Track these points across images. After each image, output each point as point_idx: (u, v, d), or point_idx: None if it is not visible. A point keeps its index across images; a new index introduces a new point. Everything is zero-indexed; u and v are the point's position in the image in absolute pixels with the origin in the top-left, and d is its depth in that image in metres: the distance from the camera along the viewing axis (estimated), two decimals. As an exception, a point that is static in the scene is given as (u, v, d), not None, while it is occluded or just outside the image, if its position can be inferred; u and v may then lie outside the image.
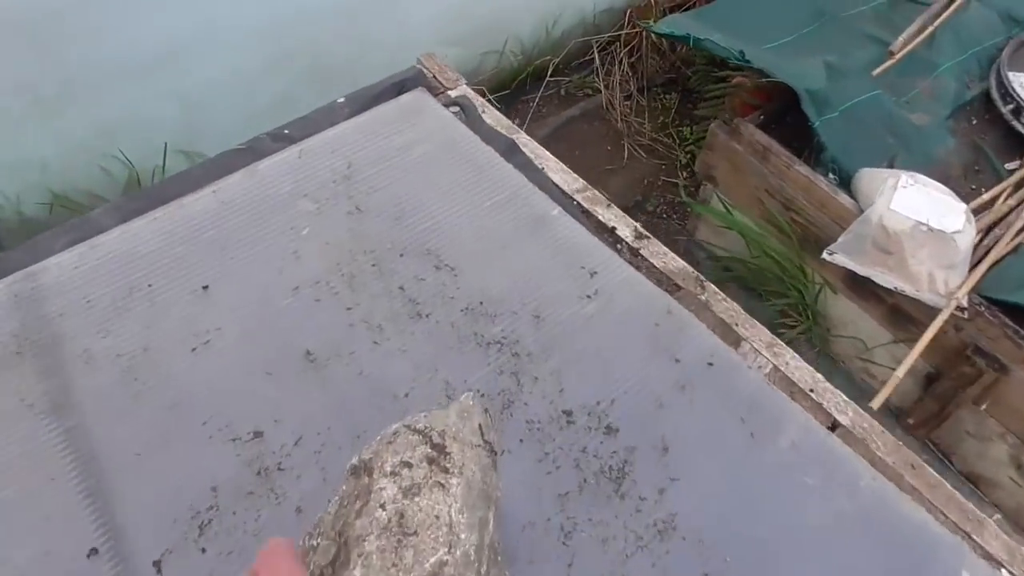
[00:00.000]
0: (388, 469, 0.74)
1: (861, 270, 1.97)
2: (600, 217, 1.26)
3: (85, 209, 2.08)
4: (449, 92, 1.41)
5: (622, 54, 2.97)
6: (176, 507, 0.93)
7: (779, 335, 2.33)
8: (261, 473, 0.97)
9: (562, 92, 3.02)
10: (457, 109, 1.37)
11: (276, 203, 1.21)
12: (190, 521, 0.92)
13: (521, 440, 1.01)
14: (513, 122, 2.87)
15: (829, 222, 2.10)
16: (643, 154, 2.88)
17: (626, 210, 2.66)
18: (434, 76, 1.43)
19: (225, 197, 1.21)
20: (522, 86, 2.95)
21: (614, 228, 1.25)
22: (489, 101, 2.77)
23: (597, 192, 1.29)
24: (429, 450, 0.77)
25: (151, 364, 1.04)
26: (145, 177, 2.13)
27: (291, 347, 1.07)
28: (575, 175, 1.31)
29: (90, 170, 2.03)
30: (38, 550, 0.88)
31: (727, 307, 1.16)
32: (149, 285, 1.11)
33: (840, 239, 2.01)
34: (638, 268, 1.19)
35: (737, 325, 1.14)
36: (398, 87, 1.38)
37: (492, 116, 1.38)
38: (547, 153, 1.33)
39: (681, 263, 1.20)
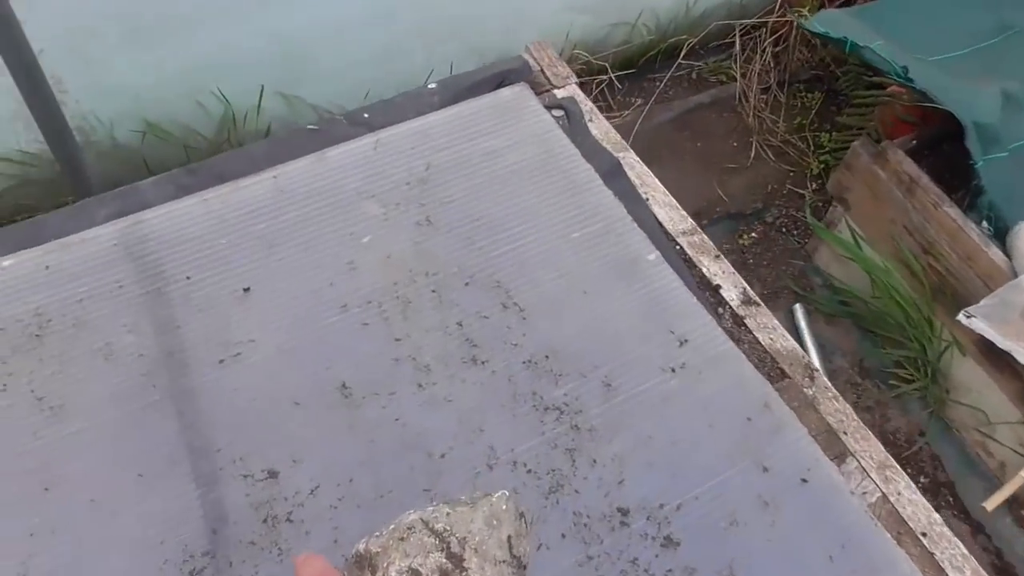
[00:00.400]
0: (392, 574, 0.62)
1: (1001, 342, 1.70)
2: (704, 270, 1.07)
3: (177, 141, 2.02)
4: (555, 91, 1.23)
5: (767, 42, 2.68)
6: (169, 546, 0.83)
7: (892, 387, 2.11)
8: (268, 521, 0.86)
9: (693, 75, 2.77)
10: (561, 113, 1.20)
11: (339, 200, 1.08)
12: (182, 565, 0.82)
13: (563, 535, 0.87)
14: (636, 101, 2.66)
15: (973, 277, 1.83)
16: (771, 156, 2.61)
17: (743, 217, 2.46)
18: (542, 70, 1.25)
19: (285, 184, 1.09)
20: (650, 64, 2.71)
21: (718, 287, 1.06)
22: (612, 79, 2.58)
23: (705, 237, 1.10)
24: (444, 560, 0.64)
25: (173, 372, 0.93)
26: (241, 117, 2.05)
27: (327, 376, 0.95)
28: (683, 212, 1.12)
29: (185, 103, 1.96)
30: (9, 573, 0.80)
31: (837, 408, 0.97)
32: (187, 277, 1.00)
33: (983, 302, 1.74)
34: (739, 341, 1.01)
35: (846, 434, 0.95)
36: (499, 78, 1.22)
37: (600, 127, 1.20)
38: (656, 182, 1.15)
39: (792, 343, 1.01)
